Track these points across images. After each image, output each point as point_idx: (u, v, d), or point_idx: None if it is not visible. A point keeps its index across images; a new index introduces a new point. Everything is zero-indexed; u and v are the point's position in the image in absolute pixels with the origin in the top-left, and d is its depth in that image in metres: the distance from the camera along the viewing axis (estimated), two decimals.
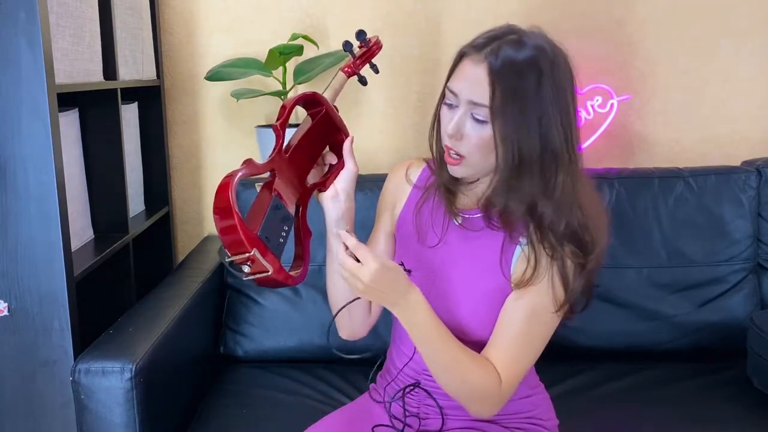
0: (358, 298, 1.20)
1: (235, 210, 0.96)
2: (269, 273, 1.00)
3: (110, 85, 1.72)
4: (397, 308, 1.09)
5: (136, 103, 2.05)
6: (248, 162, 1.05)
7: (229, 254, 0.99)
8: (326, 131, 1.20)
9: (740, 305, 1.82)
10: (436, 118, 1.18)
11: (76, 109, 1.68)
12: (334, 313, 1.27)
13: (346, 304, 1.21)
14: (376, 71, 1.37)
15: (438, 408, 1.25)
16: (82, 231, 1.70)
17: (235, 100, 2.07)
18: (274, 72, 2.01)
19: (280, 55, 1.93)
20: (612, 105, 2.12)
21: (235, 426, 1.54)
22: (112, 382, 1.33)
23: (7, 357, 1.45)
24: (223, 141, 2.22)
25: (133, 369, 1.34)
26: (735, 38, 2.15)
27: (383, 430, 1.25)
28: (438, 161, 1.21)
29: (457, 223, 1.21)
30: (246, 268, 0.99)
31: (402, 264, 1.24)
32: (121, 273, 1.84)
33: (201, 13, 2.16)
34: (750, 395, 1.62)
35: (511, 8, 2.13)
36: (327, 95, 1.23)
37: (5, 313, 1.44)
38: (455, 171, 1.15)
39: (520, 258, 1.16)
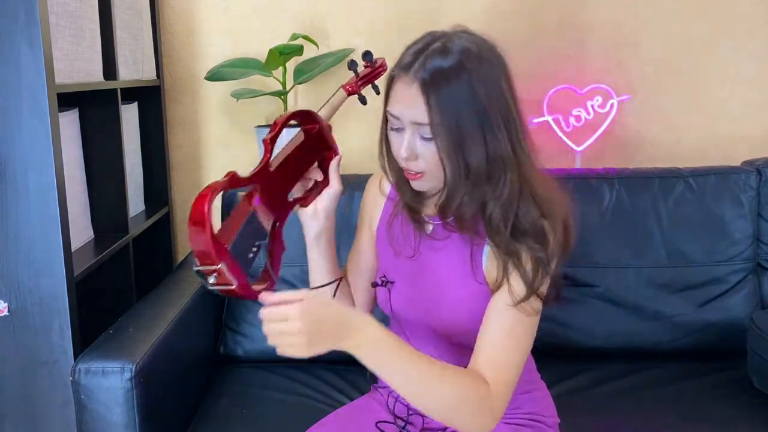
0: (337, 280, 1.21)
1: (208, 223, 0.97)
2: (233, 287, 1.00)
3: (110, 85, 1.72)
4: (354, 345, 0.98)
5: (136, 103, 2.05)
6: (231, 174, 1.05)
7: (198, 264, 1.00)
8: (316, 148, 1.20)
9: (740, 305, 1.82)
10: (384, 142, 1.17)
11: (76, 109, 1.68)
12: None
13: (322, 285, 1.22)
14: (377, 92, 1.35)
15: None
16: (82, 231, 1.70)
17: (235, 100, 2.07)
18: (274, 72, 2.01)
19: (280, 55, 1.93)
20: (612, 105, 2.12)
21: (235, 426, 1.54)
22: (112, 382, 1.33)
23: (7, 357, 1.45)
24: (223, 141, 2.22)
25: (133, 369, 1.34)
26: (735, 38, 2.15)
27: (386, 426, 1.25)
28: (397, 182, 1.20)
29: (428, 233, 1.21)
30: (212, 279, 0.99)
31: (384, 277, 1.24)
32: (121, 273, 1.84)
33: (201, 13, 2.16)
34: (750, 395, 1.62)
35: (510, 8, 2.13)
36: (324, 111, 1.22)
37: (5, 313, 1.44)
38: (419, 186, 1.14)
39: (488, 259, 1.15)
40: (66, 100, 1.64)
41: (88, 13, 1.62)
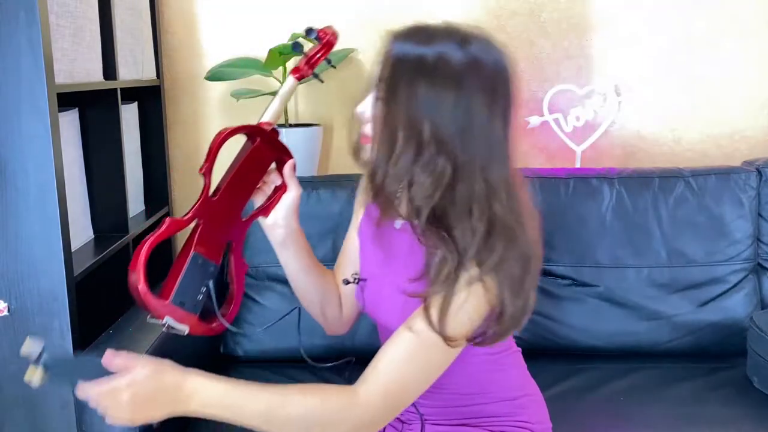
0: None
1: (141, 290, 1.02)
2: (184, 333, 1.07)
3: (110, 85, 1.72)
4: (188, 411, 0.99)
5: (136, 103, 2.05)
6: (168, 221, 1.05)
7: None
8: (267, 156, 1.16)
9: (740, 305, 1.82)
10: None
11: (76, 109, 1.68)
12: (309, 311, 1.29)
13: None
14: (333, 66, 1.28)
15: (418, 414, 1.23)
16: (82, 231, 1.70)
17: (235, 100, 2.07)
18: (274, 72, 2.01)
19: (280, 55, 1.93)
20: (612, 105, 2.12)
21: (235, 426, 1.54)
22: None
23: (7, 357, 1.45)
24: None
25: None
26: (735, 38, 2.15)
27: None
28: (354, 152, 1.12)
29: (396, 228, 1.15)
30: (164, 327, 1.06)
31: (356, 274, 1.23)
32: (121, 273, 1.83)
33: (201, 13, 2.16)
34: (750, 395, 1.62)
35: (510, 7, 2.13)
36: (275, 104, 1.16)
37: (5, 313, 1.44)
38: (365, 153, 1.07)
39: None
40: (66, 100, 1.64)
41: (88, 13, 1.62)
